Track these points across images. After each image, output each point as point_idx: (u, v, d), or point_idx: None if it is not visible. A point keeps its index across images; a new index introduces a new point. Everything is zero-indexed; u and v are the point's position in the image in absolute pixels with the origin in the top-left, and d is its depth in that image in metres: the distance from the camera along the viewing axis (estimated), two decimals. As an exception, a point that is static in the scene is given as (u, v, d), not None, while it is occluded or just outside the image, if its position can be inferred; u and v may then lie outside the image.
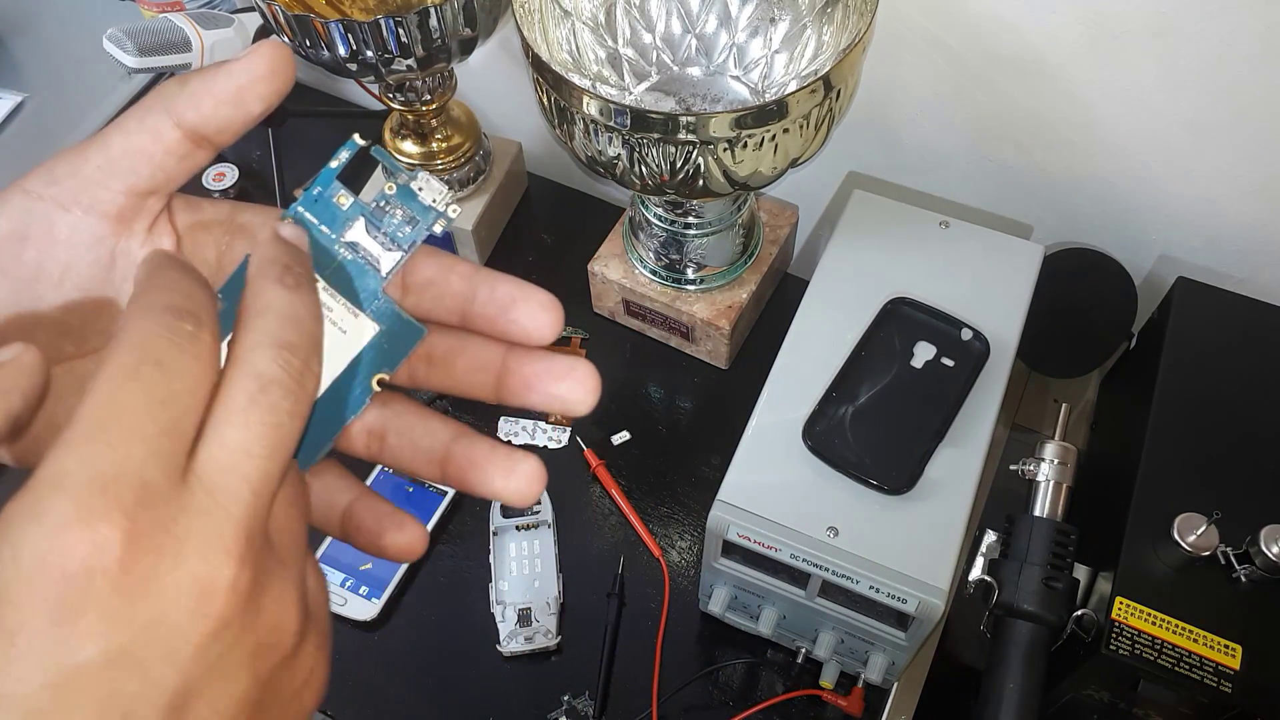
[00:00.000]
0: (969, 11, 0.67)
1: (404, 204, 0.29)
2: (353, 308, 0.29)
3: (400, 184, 0.29)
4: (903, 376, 0.61)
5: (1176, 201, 0.71)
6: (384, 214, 0.29)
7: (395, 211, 0.29)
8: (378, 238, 0.29)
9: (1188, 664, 0.51)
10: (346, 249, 0.29)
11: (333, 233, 0.29)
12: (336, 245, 0.29)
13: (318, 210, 0.30)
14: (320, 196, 0.30)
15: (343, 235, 0.29)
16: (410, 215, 0.29)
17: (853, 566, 0.55)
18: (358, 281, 0.29)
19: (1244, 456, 0.58)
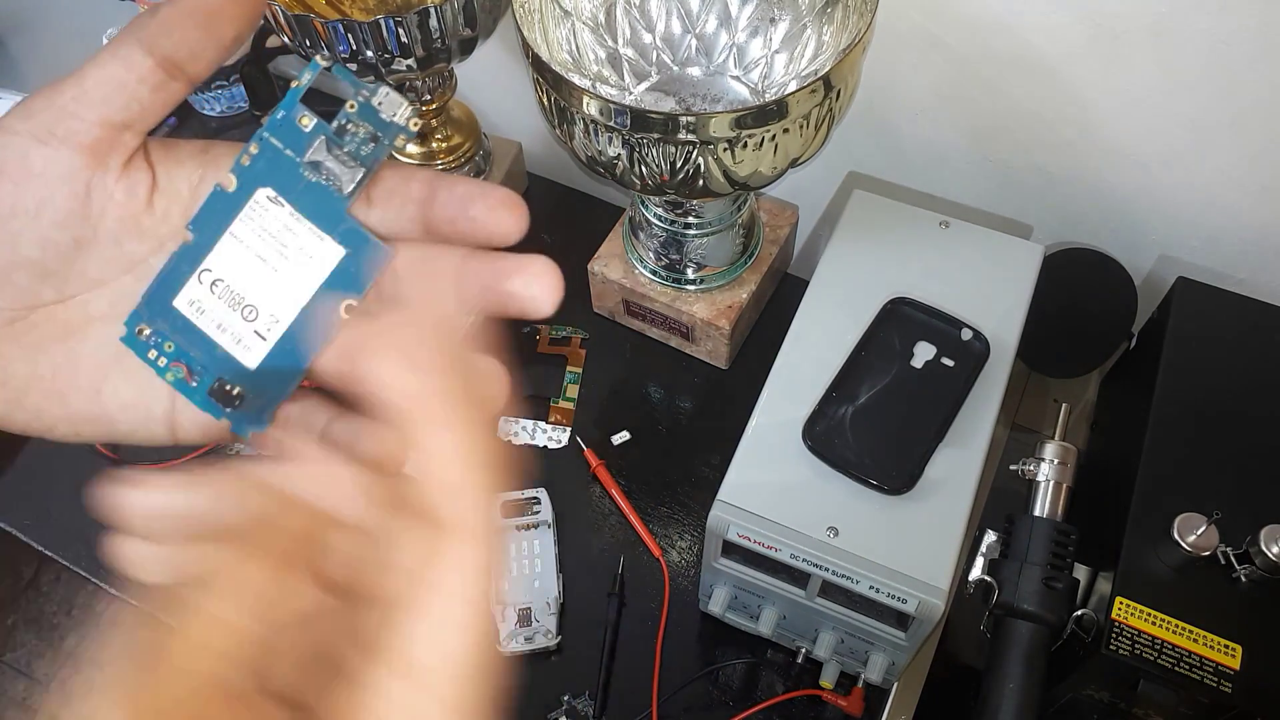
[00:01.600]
0: (969, 11, 0.67)
1: (365, 121, 0.29)
2: (318, 231, 0.29)
3: (361, 101, 0.29)
4: (903, 376, 0.61)
5: (1176, 201, 0.71)
6: (346, 133, 0.29)
7: (357, 129, 0.29)
8: (340, 156, 0.29)
9: (1188, 664, 0.51)
10: (311, 170, 0.29)
11: (297, 155, 0.29)
12: (300, 167, 0.29)
13: (282, 133, 0.29)
14: (285, 120, 0.29)
15: (306, 156, 0.29)
16: (372, 132, 0.29)
17: (853, 566, 0.55)
18: (323, 203, 0.29)
19: (1244, 456, 0.58)
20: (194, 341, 0.30)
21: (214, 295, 0.30)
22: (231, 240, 0.30)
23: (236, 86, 0.99)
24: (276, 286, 0.30)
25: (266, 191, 0.29)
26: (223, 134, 0.98)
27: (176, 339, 0.30)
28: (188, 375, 0.30)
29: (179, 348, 0.30)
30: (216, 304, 0.30)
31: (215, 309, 0.30)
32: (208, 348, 0.30)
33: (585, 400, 0.81)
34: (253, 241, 0.30)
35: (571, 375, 0.82)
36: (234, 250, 0.30)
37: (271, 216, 0.29)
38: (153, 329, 0.30)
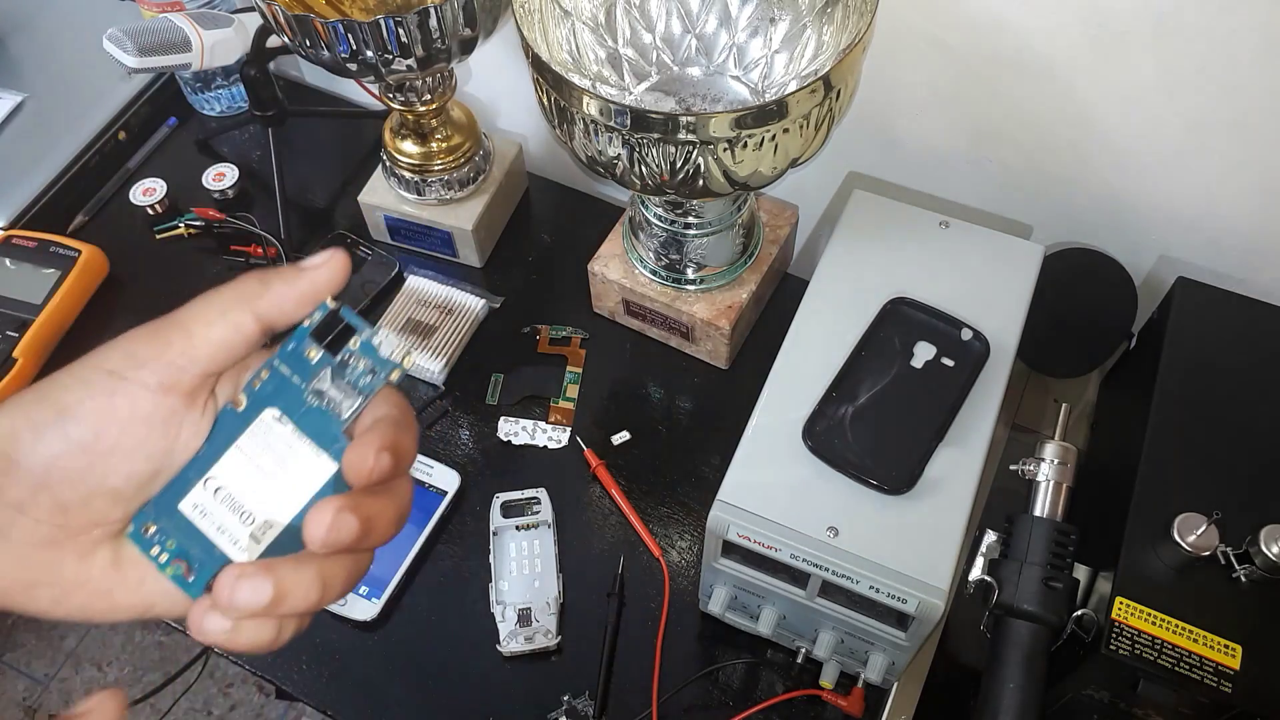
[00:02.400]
0: (969, 11, 0.67)
1: (365, 356, 0.33)
2: (316, 448, 0.33)
3: (363, 339, 0.33)
4: (903, 376, 0.61)
5: (1176, 201, 0.71)
6: (348, 366, 0.33)
7: (358, 363, 0.33)
8: (341, 386, 0.33)
9: (1188, 664, 0.51)
10: (314, 396, 0.33)
11: (303, 382, 0.33)
12: (306, 393, 0.33)
13: (292, 362, 0.33)
14: (294, 351, 0.33)
15: (311, 384, 0.33)
16: (371, 366, 0.33)
17: (853, 566, 0.55)
18: (322, 425, 0.33)
19: (1244, 456, 0.58)
20: (194, 541, 0.33)
21: (216, 500, 0.33)
22: (237, 453, 0.33)
23: (236, 86, 0.99)
24: (273, 495, 0.33)
25: (273, 411, 0.33)
26: (222, 133, 0.98)
27: (178, 538, 0.33)
28: (186, 571, 0.33)
29: (180, 545, 0.33)
30: (218, 508, 0.33)
31: (217, 513, 0.33)
32: (206, 547, 0.33)
33: (585, 400, 0.81)
34: (256, 454, 0.33)
35: (571, 375, 0.82)
36: (239, 462, 0.33)
37: (275, 434, 0.33)
38: (157, 527, 0.33)
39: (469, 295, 0.86)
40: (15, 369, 0.80)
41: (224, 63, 0.86)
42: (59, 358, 0.85)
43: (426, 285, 0.86)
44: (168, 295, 0.96)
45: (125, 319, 0.87)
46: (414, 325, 0.84)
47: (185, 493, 0.33)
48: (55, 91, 0.98)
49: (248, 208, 0.93)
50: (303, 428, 0.33)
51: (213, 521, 0.33)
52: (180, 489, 0.33)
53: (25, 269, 0.85)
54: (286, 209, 0.90)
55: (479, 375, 0.82)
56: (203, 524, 0.33)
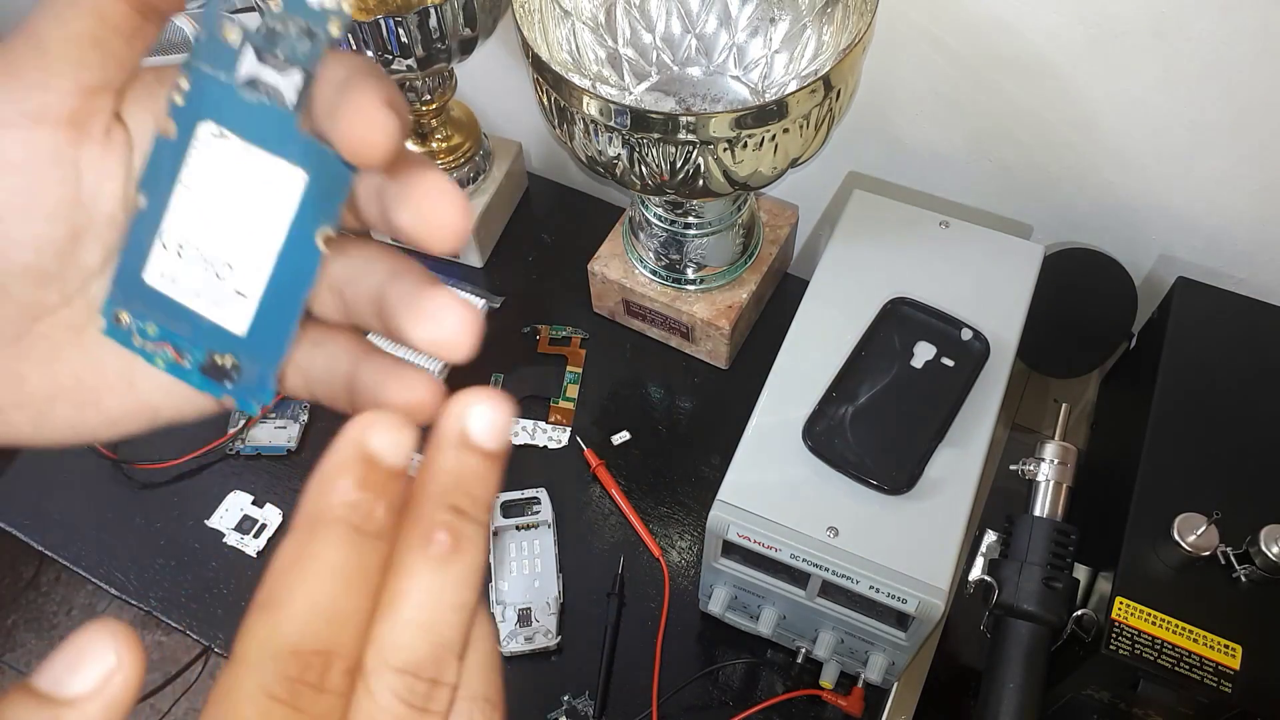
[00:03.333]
0: (969, 11, 0.67)
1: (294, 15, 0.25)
2: (273, 157, 0.25)
3: None
4: (903, 376, 0.61)
5: (1176, 201, 0.71)
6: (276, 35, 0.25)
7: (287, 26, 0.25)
8: (275, 64, 0.25)
9: (1188, 664, 0.51)
10: (248, 90, 0.25)
11: (229, 76, 0.25)
12: (238, 89, 0.25)
13: (209, 55, 0.25)
14: (210, 40, 0.25)
15: (239, 74, 0.25)
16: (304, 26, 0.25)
17: (853, 566, 0.55)
18: (270, 124, 0.25)
19: (1244, 456, 0.58)
20: (175, 316, 0.27)
21: (182, 260, 0.26)
22: (185, 192, 0.26)
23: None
24: (245, 232, 0.26)
25: (208, 126, 0.26)
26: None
27: (156, 318, 0.27)
28: (176, 356, 0.27)
29: (162, 327, 0.27)
30: (188, 269, 0.26)
31: (188, 275, 0.26)
32: (190, 320, 0.27)
33: (585, 400, 0.81)
34: (207, 188, 0.26)
35: (571, 375, 0.82)
36: (190, 203, 0.26)
37: (220, 153, 0.26)
38: (130, 312, 0.27)
39: (469, 295, 0.86)
40: (15, 369, 0.80)
41: None
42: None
43: (426, 285, 0.86)
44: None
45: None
46: (414, 325, 0.84)
47: (145, 260, 0.26)
48: (55, 91, 0.98)
49: (248, 208, 0.93)
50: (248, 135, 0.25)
51: (188, 286, 0.26)
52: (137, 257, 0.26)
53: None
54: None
55: (479, 375, 0.82)
56: (177, 293, 0.26)
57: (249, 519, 0.75)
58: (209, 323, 0.27)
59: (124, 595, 0.73)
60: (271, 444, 0.78)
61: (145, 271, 0.27)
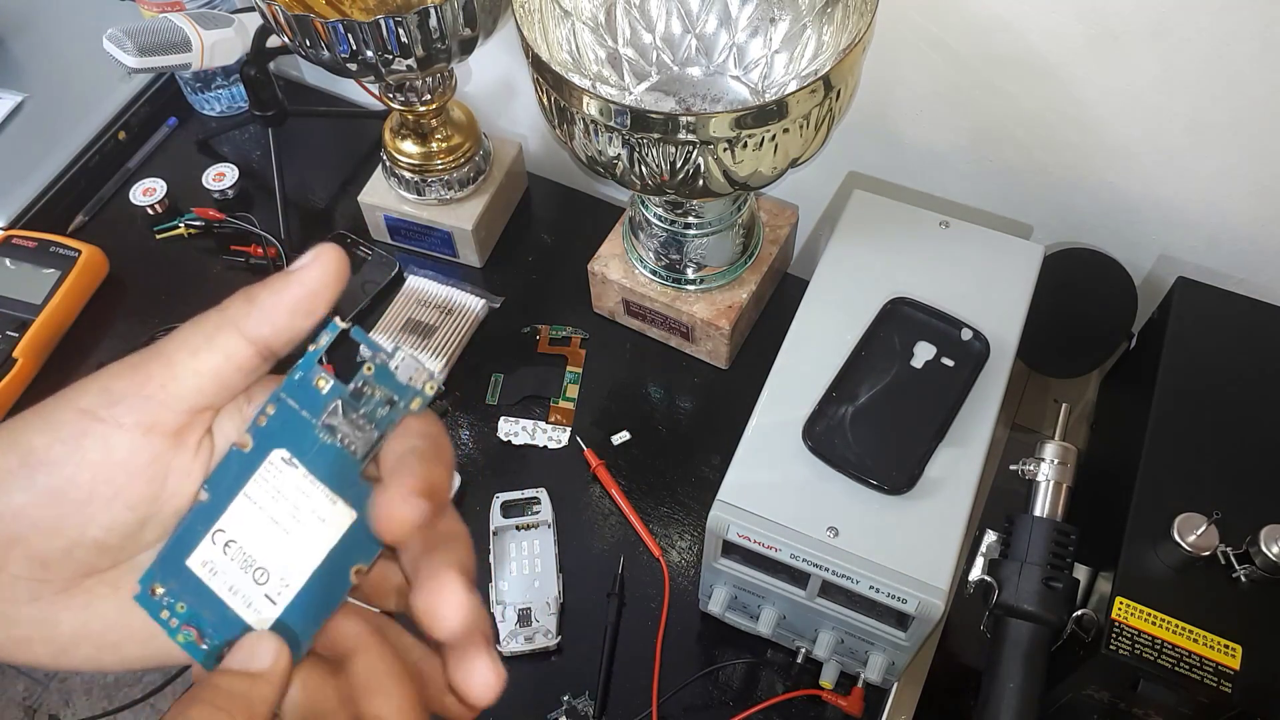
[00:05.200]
0: (969, 11, 0.67)
1: (382, 385, 0.29)
2: (331, 494, 0.29)
3: (378, 364, 0.29)
4: (903, 376, 0.61)
5: (1176, 201, 0.71)
6: (362, 395, 0.29)
7: (374, 392, 0.29)
8: (356, 420, 0.29)
9: (1188, 664, 0.51)
10: (326, 432, 0.29)
11: (313, 417, 0.29)
12: (316, 429, 0.29)
13: (299, 394, 0.29)
14: (302, 381, 0.29)
15: (322, 419, 0.29)
16: (388, 396, 0.29)
17: (853, 566, 0.55)
18: (336, 467, 0.29)
19: (1244, 456, 0.58)
20: (206, 603, 0.30)
21: (227, 556, 0.30)
22: (245, 501, 0.29)
23: (236, 86, 0.99)
24: (288, 549, 0.29)
25: (281, 453, 0.29)
26: (222, 133, 0.98)
27: (188, 600, 0.30)
28: (198, 638, 0.30)
29: (191, 609, 0.30)
30: (229, 565, 0.30)
31: (228, 570, 0.30)
32: (219, 610, 0.30)
33: (585, 400, 0.81)
34: (266, 503, 0.29)
35: (571, 375, 0.82)
36: (247, 511, 0.29)
37: (285, 478, 0.29)
38: (165, 589, 0.30)
39: (469, 295, 0.86)
40: (15, 369, 0.80)
41: (224, 63, 0.86)
42: (59, 358, 0.85)
43: (426, 285, 0.86)
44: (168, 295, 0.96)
45: (125, 319, 0.87)
46: (414, 325, 0.84)
47: (193, 547, 0.30)
48: (55, 91, 0.98)
49: (248, 208, 0.93)
50: (315, 470, 0.29)
51: (225, 580, 0.30)
52: (187, 543, 0.30)
53: (25, 269, 0.85)
54: (286, 209, 0.90)
55: (479, 375, 0.82)
56: (214, 583, 0.30)
57: (249, 519, 0.75)
58: (235, 616, 0.30)
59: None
60: (271, 444, 0.78)
61: (190, 557, 0.30)
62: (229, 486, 0.30)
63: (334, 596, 0.30)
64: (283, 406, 0.29)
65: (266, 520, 0.30)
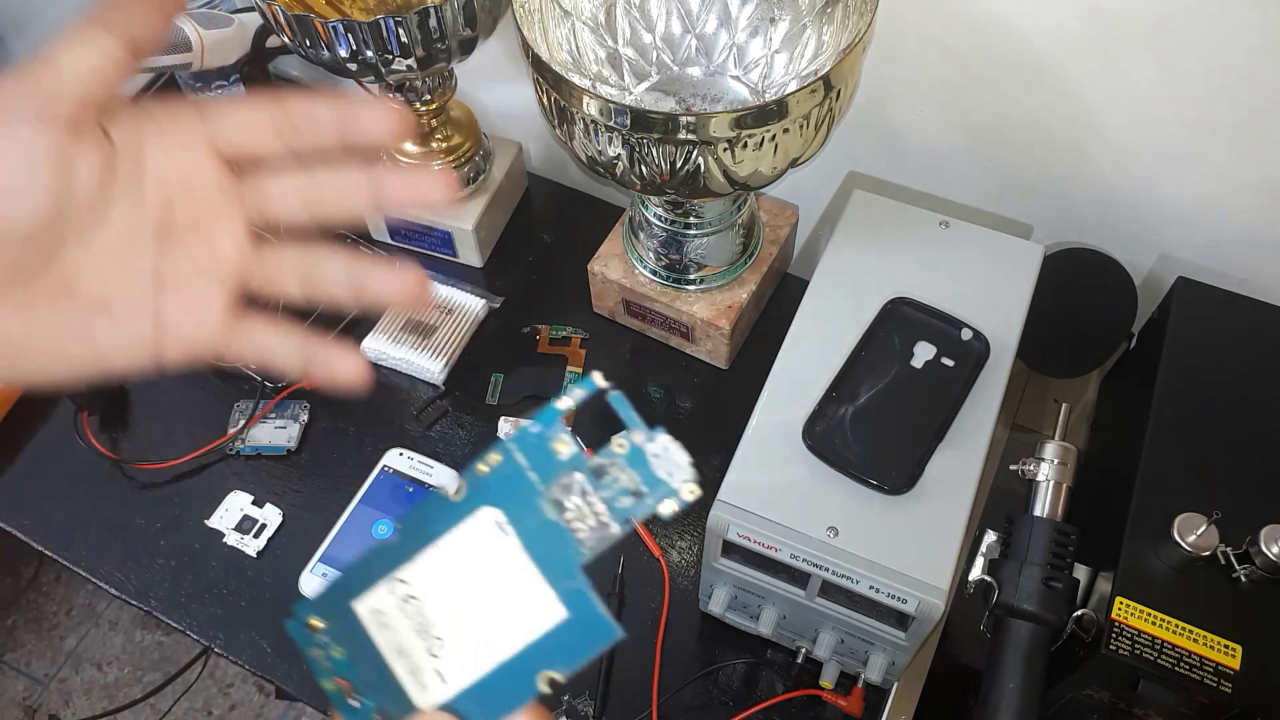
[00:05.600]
0: (969, 11, 0.67)
1: (632, 469, 0.24)
2: (544, 581, 0.24)
3: (634, 444, 0.24)
4: (902, 376, 0.61)
5: (1176, 201, 0.71)
6: (606, 475, 0.24)
7: (619, 476, 0.24)
8: (591, 502, 0.24)
9: (1188, 664, 0.51)
10: (552, 507, 0.25)
11: (541, 483, 0.25)
12: (542, 499, 0.25)
13: (531, 452, 0.25)
14: (539, 436, 0.25)
15: (552, 489, 0.25)
16: (636, 485, 0.24)
17: (853, 566, 0.55)
18: (556, 550, 0.24)
19: (1244, 456, 0.58)
20: (366, 658, 0.26)
21: (402, 612, 0.26)
22: (438, 555, 0.25)
23: (236, 86, 0.99)
24: (475, 628, 0.25)
25: (495, 513, 0.25)
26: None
27: (348, 647, 0.26)
28: (349, 692, 0.26)
29: (348, 659, 0.26)
30: (403, 623, 0.26)
31: (400, 629, 0.26)
32: (379, 670, 0.26)
33: (585, 400, 0.81)
34: (462, 565, 0.25)
35: (571, 375, 0.82)
36: (438, 567, 0.25)
37: (492, 544, 0.25)
38: (325, 626, 0.26)
39: (469, 295, 0.86)
40: (15, 369, 0.80)
41: (224, 63, 0.86)
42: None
43: (426, 285, 0.86)
44: (168, 295, 0.94)
45: (125, 319, 0.87)
46: (414, 325, 0.84)
47: (365, 589, 0.26)
48: (55, 91, 0.98)
49: (248, 208, 0.93)
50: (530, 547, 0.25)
51: (393, 640, 0.26)
52: (360, 582, 0.26)
53: (25, 269, 0.85)
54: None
55: (479, 375, 0.82)
56: (381, 640, 0.26)
57: (249, 519, 0.75)
58: (397, 685, 0.26)
59: (124, 595, 0.73)
60: (271, 444, 0.78)
61: (360, 600, 0.26)
62: (423, 532, 0.26)
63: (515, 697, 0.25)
64: (509, 461, 0.25)
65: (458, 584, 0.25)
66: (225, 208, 0.33)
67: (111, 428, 0.81)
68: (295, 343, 0.34)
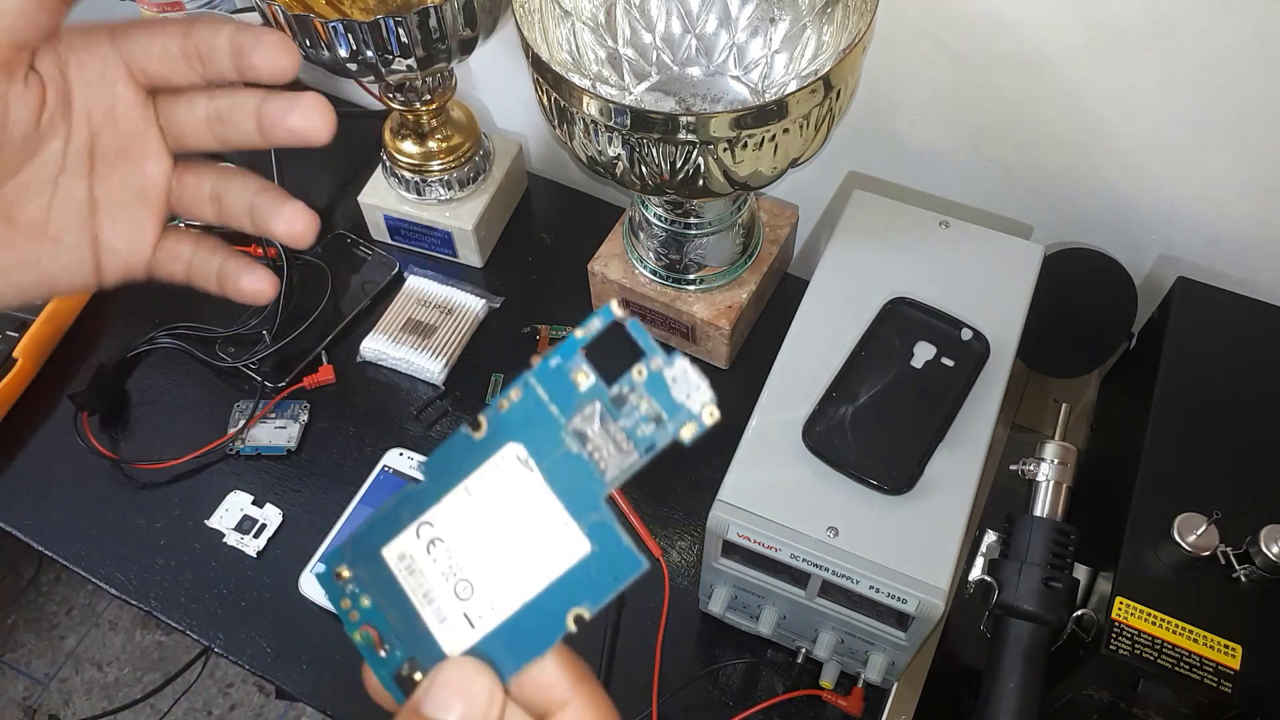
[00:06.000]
0: (969, 11, 0.67)
1: (651, 395, 0.24)
2: (566, 514, 0.25)
3: (653, 370, 0.24)
4: (903, 376, 0.61)
5: (1176, 201, 0.71)
6: (625, 403, 0.24)
7: (640, 403, 0.24)
8: (612, 431, 0.24)
9: (1188, 664, 0.51)
10: (574, 439, 0.25)
11: (562, 415, 0.25)
12: (564, 431, 0.25)
13: (552, 385, 0.25)
14: (558, 369, 0.25)
15: (573, 421, 0.25)
16: (656, 411, 0.24)
17: (853, 566, 0.55)
18: (578, 482, 0.25)
19: (1244, 456, 0.58)
20: (395, 604, 0.26)
21: (429, 556, 0.26)
22: (464, 496, 0.25)
23: (236, 86, 0.99)
24: (502, 567, 0.25)
25: (517, 449, 0.25)
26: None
27: (376, 595, 0.26)
28: (377, 640, 0.26)
29: (375, 607, 0.26)
30: (430, 567, 0.25)
31: (427, 573, 0.25)
32: (408, 617, 0.26)
33: (585, 400, 0.81)
34: (488, 505, 0.25)
35: (571, 375, 0.82)
36: (464, 509, 0.25)
37: (516, 480, 0.25)
38: (353, 575, 0.26)
39: (469, 295, 0.86)
40: (15, 369, 0.80)
41: None
42: (59, 358, 0.85)
43: (426, 285, 0.86)
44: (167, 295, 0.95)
45: (125, 319, 0.87)
46: (414, 325, 0.84)
47: (393, 535, 0.26)
48: (55, 91, 0.98)
49: (248, 208, 0.93)
50: (553, 480, 0.25)
51: (420, 584, 0.26)
52: (387, 528, 0.26)
53: (25, 269, 0.85)
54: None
55: (479, 375, 0.82)
56: (408, 585, 0.26)
57: (249, 519, 0.75)
58: (424, 629, 0.26)
59: (124, 595, 0.73)
60: (271, 444, 0.78)
61: (387, 547, 0.26)
62: (448, 474, 0.25)
63: (544, 638, 0.26)
64: (529, 395, 0.25)
65: (484, 525, 0.25)
66: (148, 133, 0.34)
67: (111, 428, 0.81)
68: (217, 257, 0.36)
